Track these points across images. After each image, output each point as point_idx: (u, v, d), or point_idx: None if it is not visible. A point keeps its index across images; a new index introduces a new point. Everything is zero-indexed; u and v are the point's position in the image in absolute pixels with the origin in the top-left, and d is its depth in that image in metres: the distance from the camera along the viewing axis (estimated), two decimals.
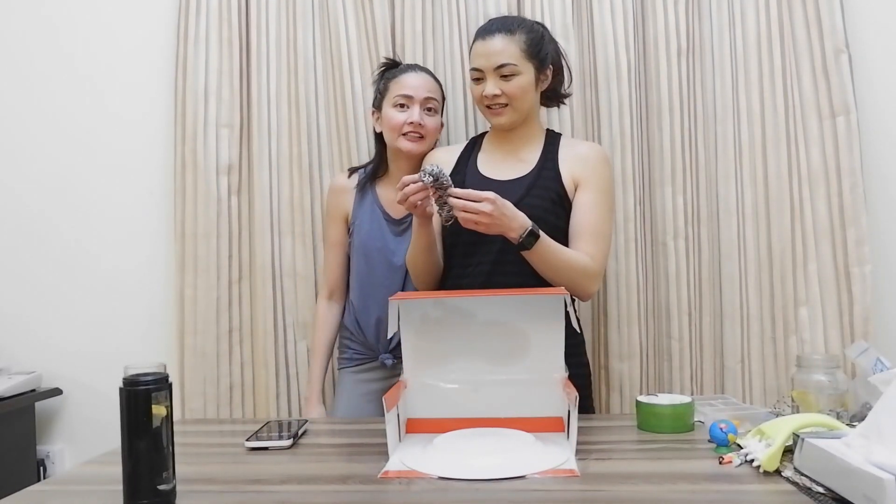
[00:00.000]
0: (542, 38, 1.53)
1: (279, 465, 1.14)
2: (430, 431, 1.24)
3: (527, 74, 1.48)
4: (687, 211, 1.82)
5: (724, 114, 1.84)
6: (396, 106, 1.64)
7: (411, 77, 1.66)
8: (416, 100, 1.63)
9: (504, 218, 1.33)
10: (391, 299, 1.27)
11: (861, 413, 1.22)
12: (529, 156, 1.54)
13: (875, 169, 1.82)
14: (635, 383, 1.80)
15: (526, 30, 1.50)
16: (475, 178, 1.55)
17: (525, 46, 1.48)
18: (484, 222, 1.32)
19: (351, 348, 1.75)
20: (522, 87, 1.49)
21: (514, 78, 1.47)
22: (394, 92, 1.64)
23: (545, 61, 1.52)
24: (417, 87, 1.64)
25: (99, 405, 2.05)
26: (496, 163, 1.57)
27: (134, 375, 0.94)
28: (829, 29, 1.78)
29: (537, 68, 1.50)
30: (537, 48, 1.50)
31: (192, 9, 1.94)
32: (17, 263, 2.10)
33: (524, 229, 1.36)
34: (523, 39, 1.48)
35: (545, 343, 1.29)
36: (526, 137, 1.56)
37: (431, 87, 1.68)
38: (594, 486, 0.98)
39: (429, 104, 1.65)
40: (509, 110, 1.50)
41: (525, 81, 1.48)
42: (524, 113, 1.52)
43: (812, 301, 1.79)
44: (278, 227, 1.93)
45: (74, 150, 2.09)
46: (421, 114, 1.63)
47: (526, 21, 1.56)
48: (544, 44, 1.53)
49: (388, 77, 1.69)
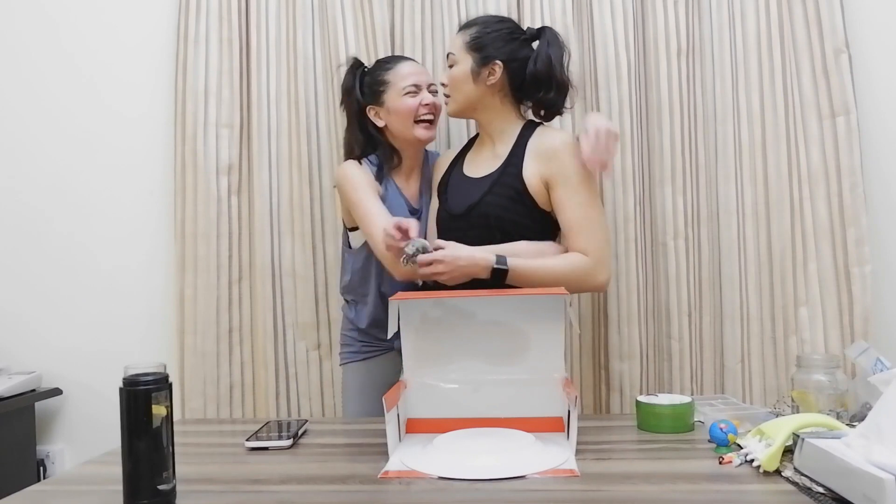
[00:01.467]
0: (492, 32, 1.54)
1: (279, 465, 1.14)
2: (430, 431, 1.24)
3: (462, 64, 1.54)
4: (687, 211, 1.82)
5: (724, 114, 1.84)
6: (407, 94, 1.64)
7: (410, 65, 1.69)
8: (423, 84, 1.67)
9: (460, 269, 1.38)
10: (391, 299, 1.27)
11: (861, 413, 1.22)
12: (503, 150, 1.56)
13: (875, 169, 1.82)
14: (635, 383, 1.80)
15: (481, 26, 1.55)
16: (457, 176, 1.62)
17: (469, 39, 1.54)
18: (443, 280, 1.39)
19: (360, 341, 1.72)
20: (454, 77, 1.55)
21: (453, 68, 1.56)
22: (398, 83, 1.65)
23: (489, 57, 1.52)
24: (420, 73, 1.68)
25: (99, 405, 2.05)
26: (476, 160, 1.61)
27: (134, 375, 0.94)
28: (829, 29, 1.78)
29: (476, 61, 1.52)
30: (481, 42, 1.53)
31: (192, 9, 1.94)
32: (18, 263, 2.10)
33: (488, 269, 1.39)
34: (471, 33, 1.55)
35: (545, 343, 1.29)
36: (499, 131, 1.58)
37: (429, 73, 1.74)
38: (594, 486, 0.98)
39: (431, 87, 1.68)
40: (450, 100, 1.59)
41: (458, 71, 1.54)
42: (461, 103, 1.56)
43: (812, 301, 1.79)
44: (278, 227, 1.93)
45: (75, 150, 2.09)
46: (431, 95, 1.67)
47: (493, 19, 1.59)
48: (494, 39, 1.54)
49: (380, 72, 1.68)
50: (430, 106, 1.65)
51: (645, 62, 1.85)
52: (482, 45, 1.53)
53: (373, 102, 1.69)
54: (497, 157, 1.55)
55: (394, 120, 1.67)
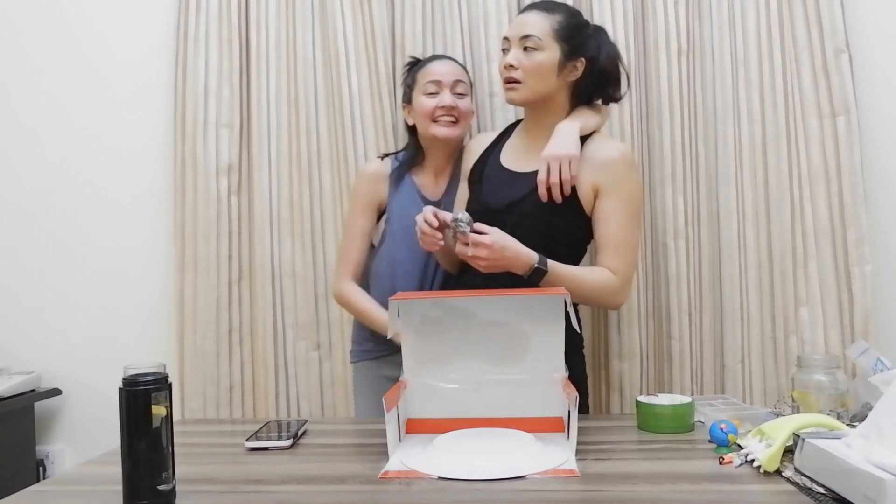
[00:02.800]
0: (581, 26, 1.49)
1: (279, 465, 1.14)
2: (430, 431, 1.24)
3: (550, 53, 1.43)
4: (687, 211, 1.82)
5: (724, 114, 1.83)
6: (426, 94, 1.64)
7: (437, 64, 1.67)
8: (445, 84, 1.63)
9: (504, 259, 1.33)
10: (391, 300, 1.27)
11: (861, 413, 1.22)
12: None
13: (875, 169, 1.82)
14: (635, 383, 1.80)
15: (567, 14, 1.48)
16: (494, 166, 1.54)
17: (558, 27, 1.44)
18: (480, 265, 1.34)
19: (371, 340, 1.71)
20: (540, 63, 1.43)
21: (535, 52, 1.43)
22: (422, 81, 1.65)
23: (577, 50, 1.46)
24: (445, 73, 1.65)
25: (99, 405, 2.04)
26: (519, 153, 1.54)
27: (134, 375, 0.94)
28: (829, 28, 1.78)
29: (565, 53, 1.44)
30: (571, 32, 1.45)
31: (192, 9, 1.94)
32: (17, 263, 2.10)
33: (529, 267, 1.35)
34: (558, 20, 1.45)
35: (545, 343, 1.29)
36: (551, 128, 1.47)
37: (459, 72, 1.68)
38: (594, 486, 0.98)
39: (458, 88, 1.65)
40: (522, 87, 1.45)
41: (545, 59, 1.43)
42: (537, 92, 1.46)
43: (812, 301, 1.79)
44: (278, 227, 1.93)
45: (74, 150, 2.08)
46: (452, 98, 1.63)
47: (573, 10, 1.54)
48: (582, 33, 1.48)
49: (415, 71, 1.69)
50: (448, 108, 1.62)
51: (645, 62, 1.85)
52: (571, 37, 1.45)
53: (406, 101, 1.71)
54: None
55: (417, 118, 1.67)
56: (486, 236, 1.32)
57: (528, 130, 1.56)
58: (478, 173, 1.55)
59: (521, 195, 1.45)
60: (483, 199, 1.50)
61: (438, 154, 1.70)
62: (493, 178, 1.51)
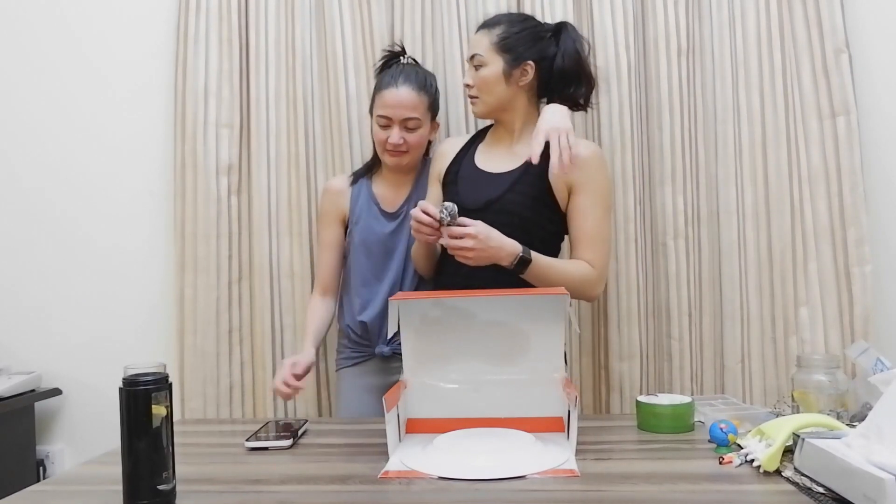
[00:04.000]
0: (527, 32, 1.53)
1: (279, 465, 1.14)
2: (430, 431, 1.24)
3: (493, 66, 1.51)
4: (687, 211, 1.82)
5: (724, 114, 1.83)
6: (379, 121, 1.64)
7: (392, 95, 1.62)
8: (395, 121, 1.62)
9: (489, 250, 1.36)
10: (391, 299, 1.27)
11: (861, 413, 1.22)
12: (523, 150, 1.54)
13: (875, 169, 1.82)
14: (635, 383, 1.80)
15: (507, 24, 1.54)
16: (469, 168, 1.59)
17: (497, 40, 1.52)
18: (468, 256, 1.36)
19: (349, 348, 1.75)
20: (485, 79, 1.52)
21: (481, 69, 1.53)
22: (377, 107, 1.65)
23: (520, 57, 1.52)
24: (395, 108, 1.61)
25: (99, 405, 2.04)
26: (491, 155, 1.59)
27: (134, 375, 0.94)
28: (829, 29, 1.78)
29: (507, 62, 1.51)
30: (511, 43, 1.51)
31: (192, 9, 1.94)
32: (17, 264, 2.10)
33: (514, 257, 1.38)
34: (497, 33, 1.52)
35: (545, 343, 1.29)
36: (521, 131, 1.57)
37: (411, 104, 1.62)
38: (594, 486, 0.98)
39: (408, 123, 1.63)
40: (479, 101, 1.55)
41: (489, 73, 1.52)
42: (492, 105, 1.54)
43: (812, 301, 1.79)
44: (276, 228, 1.93)
45: (74, 150, 2.08)
46: (400, 134, 1.62)
47: (517, 17, 1.57)
48: (525, 38, 1.53)
49: (378, 84, 1.67)
50: (394, 146, 1.62)
51: (645, 62, 1.85)
52: (511, 46, 1.51)
53: (369, 109, 1.72)
54: (516, 155, 1.54)
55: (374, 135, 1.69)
56: (471, 227, 1.35)
57: (497, 134, 1.63)
58: (452, 175, 1.60)
59: (498, 194, 1.50)
60: (460, 200, 1.52)
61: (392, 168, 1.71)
62: (468, 179, 1.56)
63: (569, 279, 1.43)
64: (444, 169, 1.63)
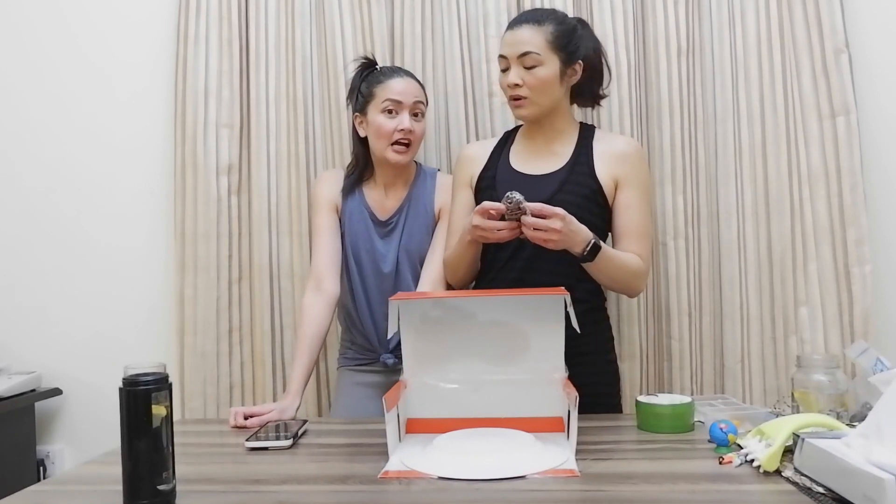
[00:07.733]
0: (572, 30, 1.49)
1: (279, 465, 1.14)
2: (430, 431, 1.24)
3: (550, 66, 1.45)
4: (687, 211, 1.82)
5: (724, 114, 1.83)
6: (385, 112, 1.61)
7: (399, 82, 1.62)
8: (406, 105, 1.61)
9: (571, 234, 1.33)
10: (391, 299, 1.27)
11: (861, 413, 1.22)
12: (562, 149, 1.52)
13: (875, 169, 1.82)
14: (635, 383, 1.80)
15: (556, 21, 1.48)
16: (507, 172, 1.54)
17: (552, 38, 1.45)
18: (553, 239, 1.31)
19: (351, 349, 1.75)
20: (543, 79, 1.45)
21: (536, 69, 1.45)
22: (381, 97, 1.61)
23: (574, 55, 1.48)
24: (406, 93, 1.61)
25: (99, 405, 2.04)
26: (528, 157, 1.55)
27: (134, 375, 0.94)
28: (829, 29, 1.78)
29: (563, 61, 1.46)
30: (565, 40, 1.46)
31: (192, 9, 1.94)
32: (17, 264, 2.10)
33: (587, 243, 1.36)
34: (550, 30, 1.45)
35: (545, 343, 1.29)
36: (558, 131, 1.54)
37: (418, 92, 1.65)
38: (594, 486, 0.98)
39: (416, 109, 1.63)
40: (529, 103, 1.47)
41: (547, 73, 1.45)
42: (545, 107, 1.48)
43: (812, 301, 1.79)
44: (276, 228, 1.93)
45: (74, 150, 2.08)
46: (410, 120, 1.61)
47: (558, 13, 1.53)
48: (575, 37, 1.49)
49: (373, 81, 1.65)
50: (406, 132, 1.60)
51: (645, 62, 1.85)
52: (565, 44, 1.46)
53: (359, 111, 1.67)
54: (556, 156, 1.52)
55: (372, 136, 1.65)
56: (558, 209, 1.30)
57: (530, 135, 1.58)
58: (489, 179, 1.55)
59: (547, 195, 1.45)
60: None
61: (387, 171, 1.69)
62: (508, 182, 1.49)
63: (627, 271, 1.44)
64: (476, 174, 1.58)
